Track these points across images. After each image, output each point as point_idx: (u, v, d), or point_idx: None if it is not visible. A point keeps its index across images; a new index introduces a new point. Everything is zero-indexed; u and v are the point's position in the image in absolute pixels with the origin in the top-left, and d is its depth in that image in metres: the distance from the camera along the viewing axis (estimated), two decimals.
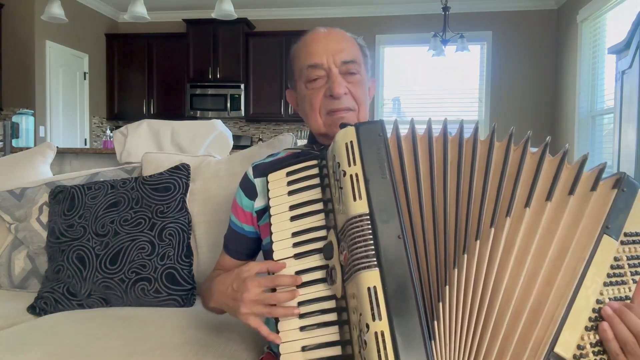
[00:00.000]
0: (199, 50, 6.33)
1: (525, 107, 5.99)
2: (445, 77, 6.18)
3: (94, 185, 1.46)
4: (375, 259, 0.67)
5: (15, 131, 4.00)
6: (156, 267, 1.32)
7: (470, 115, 6.20)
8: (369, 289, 0.65)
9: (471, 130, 0.79)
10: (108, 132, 5.63)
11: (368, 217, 0.69)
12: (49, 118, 5.46)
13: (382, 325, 0.63)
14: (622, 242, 0.71)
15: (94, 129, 6.34)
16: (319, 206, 0.80)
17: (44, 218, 1.52)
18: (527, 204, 0.71)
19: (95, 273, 1.32)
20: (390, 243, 0.68)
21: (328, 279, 0.74)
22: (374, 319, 0.64)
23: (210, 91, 6.35)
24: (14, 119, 4.34)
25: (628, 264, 0.71)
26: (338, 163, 0.75)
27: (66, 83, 5.74)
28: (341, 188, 0.73)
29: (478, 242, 0.69)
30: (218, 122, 2.80)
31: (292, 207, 0.82)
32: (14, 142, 4.04)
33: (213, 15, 4.28)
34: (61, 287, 1.34)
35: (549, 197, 0.72)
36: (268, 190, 0.85)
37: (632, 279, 0.70)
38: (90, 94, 6.20)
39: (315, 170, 0.83)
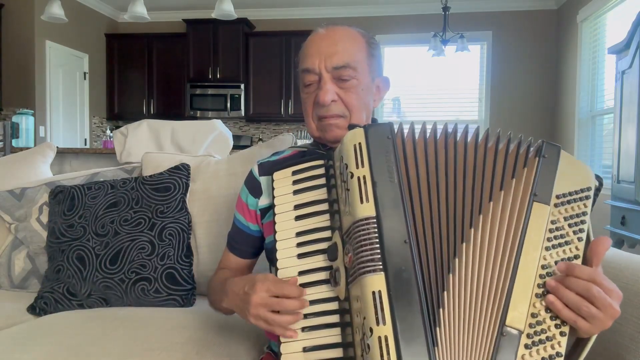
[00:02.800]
0: (199, 50, 6.33)
1: (525, 107, 5.99)
2: (445, 77, 6.18)
3: (94, 185, 1.46)
4: (380, 263, 0.67)
5: (15, 131, 4.00)
6: (156, 267, 1.32)
7: (470, 115, 6.21)
8: (373, 293, 0.65)
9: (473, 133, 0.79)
10: (108, 132, 5.63)
11: (375, 220, 0.69)
12: (49, 118, 5.46)
13: (385, 330, 0.63)
14: (555, 205, 0.72)
15: (94, 129, 6.34)
16: (324, 206, 0.80)
17: (44, 218, 1.52)
18: (490, 198, 0.73)
19: (95, 273, 1.32)
20: (396, 247, 0.68)
21: (331, 281, 0.74)
22: (377, 324, 0.64)
23: (210, 91, 6.35)
24: (14, 119, 4.34)
25: (568, 224, 0.71)
26: (346, 164, 0.75)
27: (66, 83, 5.74)
28: (348, 190, 0.73)
29: (464, 245, 0.70)
30: (218, 122, 2.80)
31: (296, 207, 0.81)
32: (14, 142, 4.04)
33: (213, 15, 4.28)
34: (61, 287, 1.34)
35: (501, 186, 0.73)
36: (273, 189, 0.85)
37: (578, 237, 0.70)
38: (90, 94, 6.20)
39: (321, 170, 0.83)
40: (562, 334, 0.66)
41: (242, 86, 6.28)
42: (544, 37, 5.92)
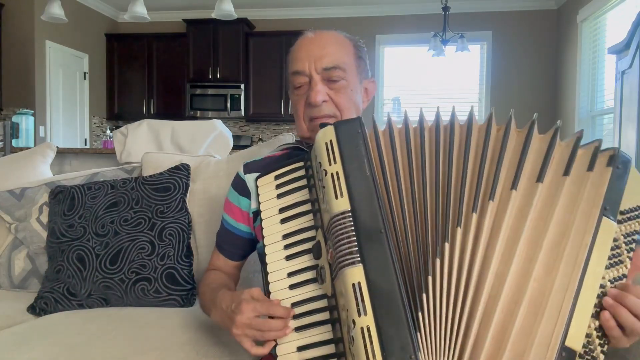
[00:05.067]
0: (199, 50, 6.33)
1: (525, 107, 5.98)
2: (445, 77, 6.18)
3: (94, 185, 1.46)
4: (358, 256, 0.67)
5: (15, 131, 4.00)
6: (156, 267, 1.32)
7: None
8: (353, 285, 0.66)
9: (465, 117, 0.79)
10: (108, 132, 5.63)
11: (350, 214, 0.70)
12: (49, 118, 5.46)
13: (367, 320, 0.64)
14: (619, 222, 0.68)
15: (94, 129, 6.34)
16: (307, 207, 0.81)
17: (44, 218, 1.51)
18: (513, 186, 0.69)
19: (95, 273, 1.32)
20: (372, 238, 0.68)
21: (318, 279, 0.75)
22: (359, 315, 0.64)
23: (210, 91, 6.35)
24: (14, 119, 4.33)
25: (624, 242, 0.67)
26: (320, 163, 0.76)
27: (66, 83, 5.74)
28: (324, 187, 0.74)
29: (459, 229, 0.68)
30: (218, 122, 2.80)
31: (281, 210, 0.83)
32: (14, 142, 4.04)
33: (213, 15, 4.28)
34: (61, 287, 1.34)
35: (539, 178, 0.69)
36: (258, 195, 0.87)
37: (628, 257, 0.67)
38: (90, 94, 6.19)
39: (302, 172, 0.84)
40: (603, 352, 0.65)
41: (242, 86, 6.28)
42: (544, 37, 5.92)
